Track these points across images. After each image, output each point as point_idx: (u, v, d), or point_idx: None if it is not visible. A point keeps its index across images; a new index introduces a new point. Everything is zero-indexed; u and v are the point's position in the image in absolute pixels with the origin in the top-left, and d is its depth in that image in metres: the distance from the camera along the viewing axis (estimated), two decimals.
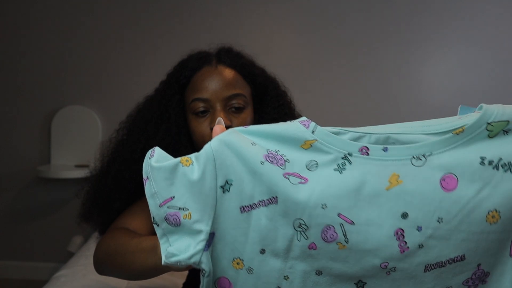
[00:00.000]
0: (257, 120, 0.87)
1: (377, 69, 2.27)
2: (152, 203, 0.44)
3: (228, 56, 0.87)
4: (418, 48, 2.26)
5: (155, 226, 0.45)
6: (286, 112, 0.90)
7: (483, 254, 0.41)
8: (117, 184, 0.84)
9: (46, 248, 2.39)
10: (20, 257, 2.40)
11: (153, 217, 0.44)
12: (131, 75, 2.28)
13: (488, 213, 0.39)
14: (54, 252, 2.37)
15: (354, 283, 0.43)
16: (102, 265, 0.74)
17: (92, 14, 2.28)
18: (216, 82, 0.81)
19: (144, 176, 0.45)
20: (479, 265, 0.41)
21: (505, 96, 2.35)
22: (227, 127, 0.63)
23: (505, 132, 0.41)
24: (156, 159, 0.45)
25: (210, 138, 0.73)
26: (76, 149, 2.29)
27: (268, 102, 0.88)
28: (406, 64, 2.27)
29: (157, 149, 0.46)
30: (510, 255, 0.41)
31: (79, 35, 2.29)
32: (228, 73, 0.83)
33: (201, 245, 0.42)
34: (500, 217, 0.39)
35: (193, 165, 0.44)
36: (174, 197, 0.43)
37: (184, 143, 0.85)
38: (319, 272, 0.43)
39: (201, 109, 0.81)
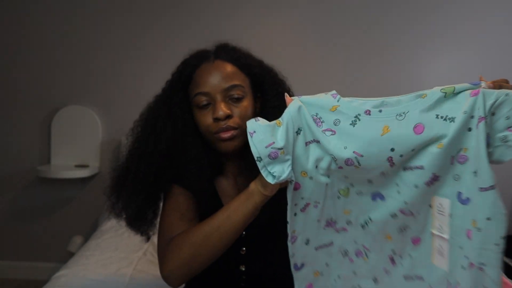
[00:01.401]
0: (259, 108, 0.94)
1: (379, 68, 2.27)
2: (259, 146, 0.69)
3: (225, 51, 0.93)
4: (421, 48, 2.25)
5: (257, 161, 0.69)
6: (285, 99, 0.94)
7: (436, 166, 0.65)
8: (136, 178, 0.89)
9: (46, 248, 2.39)
10: (20, 257, 2.40)
11: (258, 156, 0.69)
12: (131, 75, 2.29)
13: (438, 143, 0.64)
14: (54, 252, 2.38)
15: (367, 180, 0.72)
16: (188, 266, 0.82)
17: (92, 15, 2.28)
18: (215, 76, 0.88)
19: (251, 130, 0.70)
20: (434, 173, 0.66)
21: None
22: (227, 116, 0.86)
23: (455, 94, 0.64)
24: (261, 121, 0.72)
25: (214, 127, 0.88)
26: (76, 149, 2.29)
27: (267, 91, 0.93)
28: (409, 63, 2.27)
29: (260, 118, 0.72)
30: (451, 163, 0.65)
31: (79, 35, 2.29)
32: (225, 66, 0.90)
33: (290, 167, 0.70)
34: (443, 145, 0.64)
35: (282, 124, 0.71)
36: (274, 142, 0.69)
37: (191, 135, 0.91)
38: (345, 177, 0.73)
39: (204, 102, 0.88)
